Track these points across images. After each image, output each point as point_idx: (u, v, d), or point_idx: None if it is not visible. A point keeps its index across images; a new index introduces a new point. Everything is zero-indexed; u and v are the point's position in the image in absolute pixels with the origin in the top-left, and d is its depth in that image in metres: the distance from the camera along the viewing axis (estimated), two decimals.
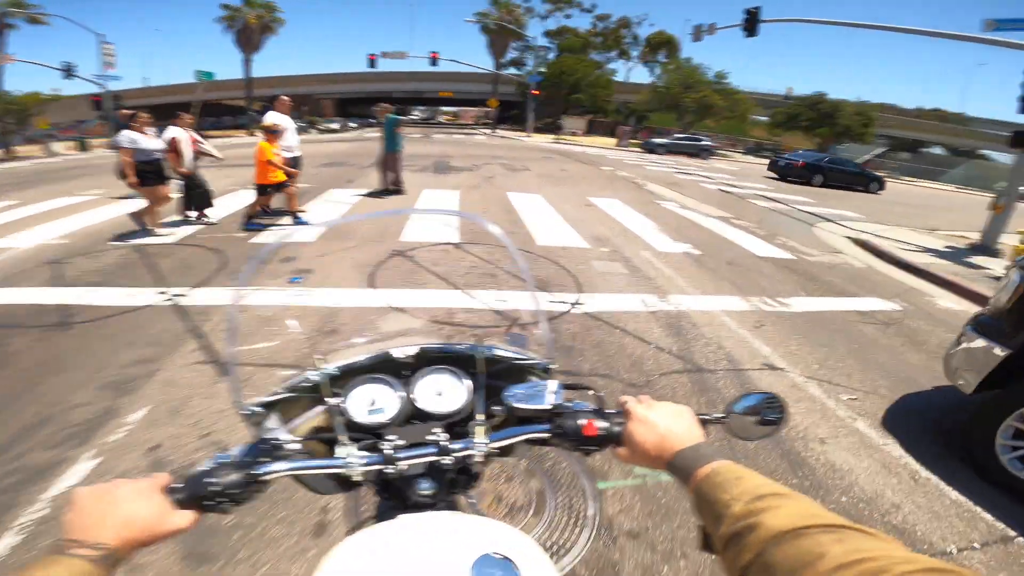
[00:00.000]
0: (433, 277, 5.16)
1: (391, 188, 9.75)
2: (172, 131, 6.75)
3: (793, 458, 2.73)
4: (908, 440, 3.03)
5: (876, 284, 6.36)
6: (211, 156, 7.59)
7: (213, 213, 7.38)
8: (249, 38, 38.24)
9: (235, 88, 42.62)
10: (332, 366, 0.94)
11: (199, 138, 7.43)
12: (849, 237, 9.22)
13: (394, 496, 0.81)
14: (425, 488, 0.78)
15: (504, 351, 0.99)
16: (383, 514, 0.82)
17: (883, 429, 3.12)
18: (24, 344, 3.58)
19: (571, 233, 7.34)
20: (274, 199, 7.34)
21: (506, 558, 0.61)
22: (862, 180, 20.39)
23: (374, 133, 28.02)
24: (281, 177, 6.86)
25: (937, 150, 51.12)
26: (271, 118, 7.22)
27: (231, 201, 8.57)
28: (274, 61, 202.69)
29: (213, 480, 0.66)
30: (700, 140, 28.45)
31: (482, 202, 9.30)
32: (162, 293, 4.54)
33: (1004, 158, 37.22)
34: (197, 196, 7.20)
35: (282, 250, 5.78)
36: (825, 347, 4.25)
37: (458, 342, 1.03)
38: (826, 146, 39.92)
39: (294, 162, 7.44)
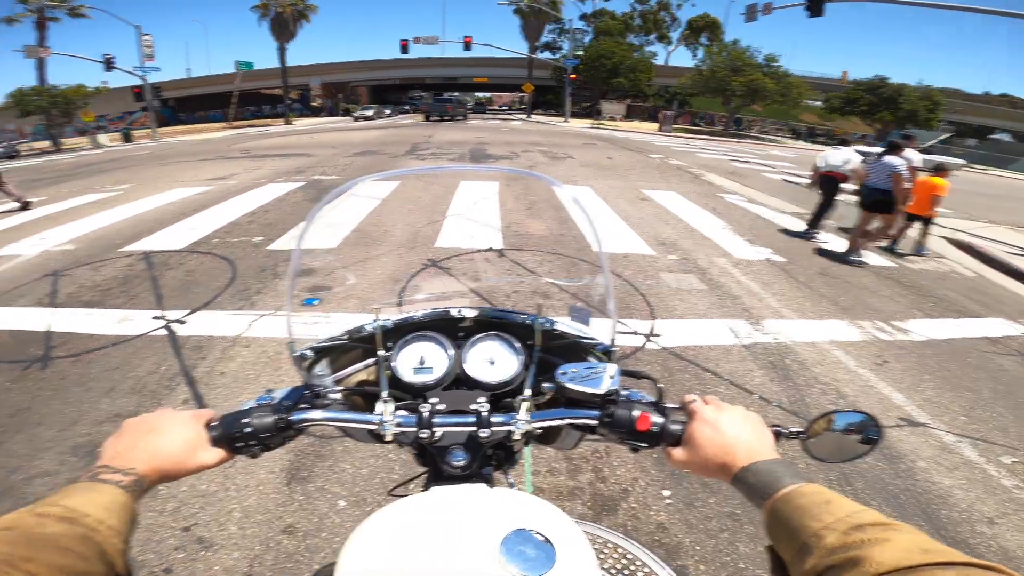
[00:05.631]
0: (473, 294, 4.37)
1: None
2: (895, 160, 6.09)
3: (961, 545, 2.20)
4: None
5: (994, 299, 5.31)
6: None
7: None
8: (283, 26, 38.08)
9: (272, 77, 42.76)
10: (388, 318, 0.92)
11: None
12: (946, 238, 8.12)
13: (429, 462, 0.76)
14: (459, 459, 0.71)
15: (565, 326, 0.93)
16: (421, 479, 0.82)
17: None
18: None
19: (630, 235, 6.41)
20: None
21: (538, 533, 0.57)
22: None
23: (407, 120, 27.55)
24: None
25: (1003, 136, 47.53)
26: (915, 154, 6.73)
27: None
28: (308, 49, 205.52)
29: (246, 421, 0.66)
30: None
31: (525, 195, 8.39)
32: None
33: None
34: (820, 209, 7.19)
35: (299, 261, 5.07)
36: (968, 391, 3.42)
37: (518, 310, 0.97)
38: (887, 131, 37.43)
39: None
